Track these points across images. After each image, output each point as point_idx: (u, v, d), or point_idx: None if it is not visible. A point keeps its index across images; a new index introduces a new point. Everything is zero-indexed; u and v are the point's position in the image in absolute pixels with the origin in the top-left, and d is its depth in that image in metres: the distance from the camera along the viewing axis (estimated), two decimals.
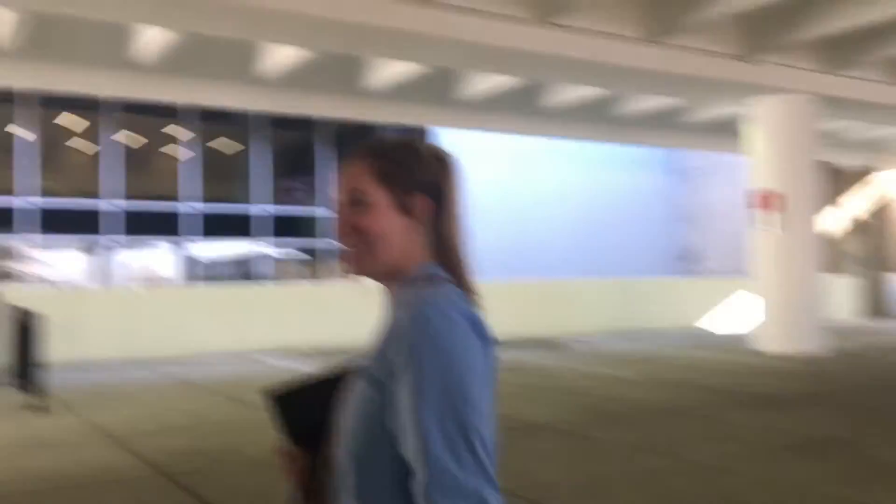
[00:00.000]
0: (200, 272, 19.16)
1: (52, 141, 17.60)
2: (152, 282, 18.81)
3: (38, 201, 16.51)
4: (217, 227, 18.84)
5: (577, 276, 20.23)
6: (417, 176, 1.40)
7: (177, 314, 13.64)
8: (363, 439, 1.32)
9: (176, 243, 18.71)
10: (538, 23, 11.17)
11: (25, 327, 9.51)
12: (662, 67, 12.49)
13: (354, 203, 1.40)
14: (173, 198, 18.32)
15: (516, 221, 22.59)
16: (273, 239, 19.50)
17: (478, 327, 1.32)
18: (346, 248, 1.40)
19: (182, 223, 18.20)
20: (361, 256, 1.40)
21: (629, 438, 7.01)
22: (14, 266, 17.00)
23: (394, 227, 1.38)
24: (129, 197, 17.42)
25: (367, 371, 1.34)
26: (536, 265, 21.52)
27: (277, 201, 19.66)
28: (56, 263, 18.09)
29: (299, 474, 1.45)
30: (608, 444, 6.85)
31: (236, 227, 19.17)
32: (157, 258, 19.19)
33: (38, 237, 16.88)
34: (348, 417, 1.35)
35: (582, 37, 11.65)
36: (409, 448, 1.25)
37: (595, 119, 17.50)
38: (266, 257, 19.47)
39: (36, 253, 17.39)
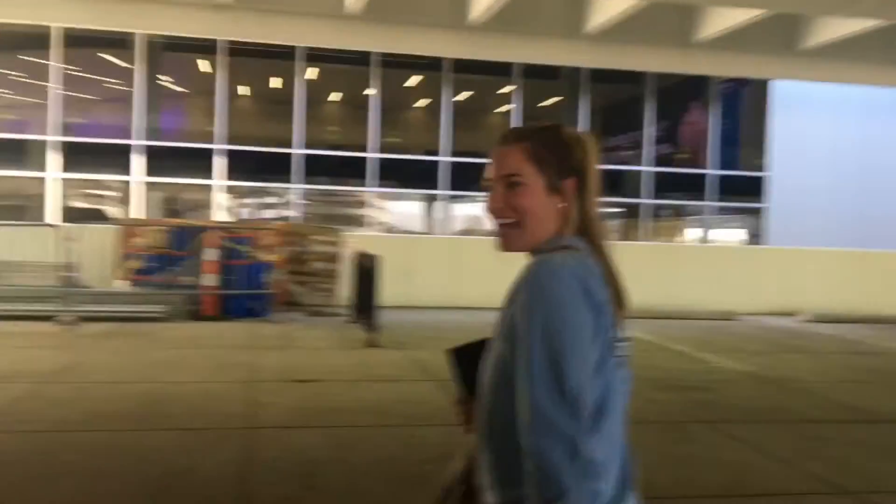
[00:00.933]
0: None
1: (396, 100, 19.10)
2: (476, 232, 19.78)
3: (384, 155, 18.07)
4: None
5: None
6: (566, 160, 1.54)
7: (495, 264, 14.17)
8: (493, 388, 1.50)
9: None
10: None
11: (367, 270, 10.48)
12: None
13: (511, 184, 1.54)
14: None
15: (868, 184, 20.08)
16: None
17: (590, 290, 1.43)
18: (499, 224, 1.56)
19: None
20: (514, 233, 1.56)
21: None
22: (360, 213, 18.88)
23: (544, 206, 1.53)
24: (457, 153, 18.38)
25: (499, 328, 1.51)
26: (892, 234, 19.01)
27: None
28: (395, 212, 19.76)
29: (471, 421, 1.61)
30: None
31: None
32: (481, 210, 20.17)
33: (381, 188, 18.51)
34: (486, 371, 1.53)
35: None
36: (517, 392, 1.41)
37: None
38: None
39: (379, 202, 19.13)
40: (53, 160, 16.02)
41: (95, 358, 8.14)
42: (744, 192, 19.63)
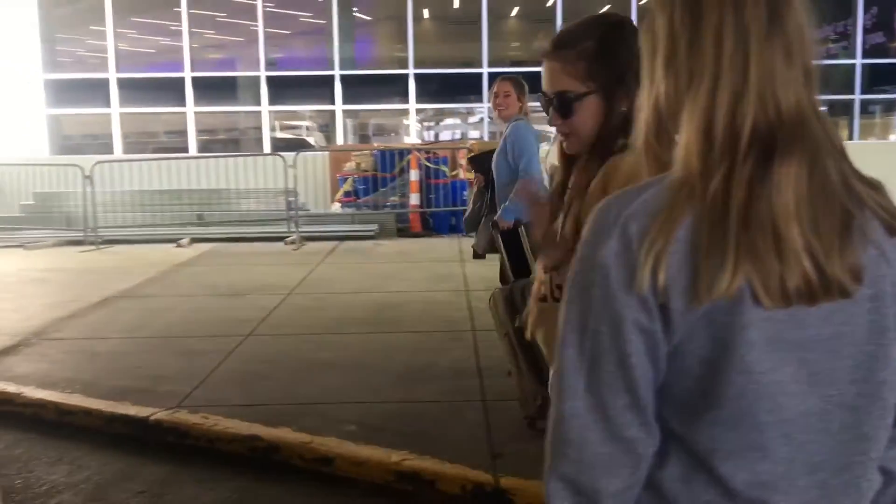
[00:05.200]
0: None
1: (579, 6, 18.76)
2: None
3: None
4: None
5: None
6: None
7: None
8: (505, 172, 4.71)
9: None
10: None
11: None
12: None
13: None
14: None
15: None
16: None
17: None
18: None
19: None
20: None
21: None
22: (548, 128, 18.96)
23: None
24: None
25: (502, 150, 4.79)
26: None
27: None
28: None
29: (484, 181, 4.99)
30: None
31: None
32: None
33: None
34: (497, 165, 4.78)
35: None
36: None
37: None
38: None
39: None
40: (263, 94, 17.28)
41: (324, 272, 9.02)
42: None
